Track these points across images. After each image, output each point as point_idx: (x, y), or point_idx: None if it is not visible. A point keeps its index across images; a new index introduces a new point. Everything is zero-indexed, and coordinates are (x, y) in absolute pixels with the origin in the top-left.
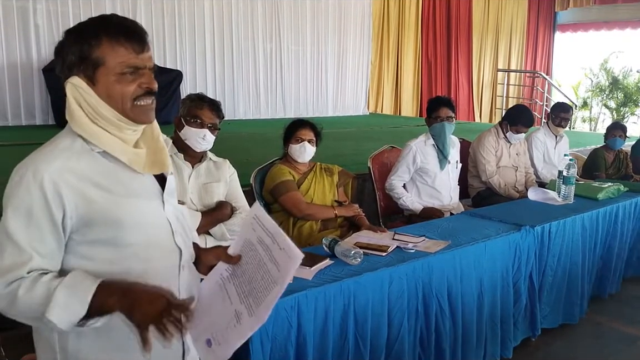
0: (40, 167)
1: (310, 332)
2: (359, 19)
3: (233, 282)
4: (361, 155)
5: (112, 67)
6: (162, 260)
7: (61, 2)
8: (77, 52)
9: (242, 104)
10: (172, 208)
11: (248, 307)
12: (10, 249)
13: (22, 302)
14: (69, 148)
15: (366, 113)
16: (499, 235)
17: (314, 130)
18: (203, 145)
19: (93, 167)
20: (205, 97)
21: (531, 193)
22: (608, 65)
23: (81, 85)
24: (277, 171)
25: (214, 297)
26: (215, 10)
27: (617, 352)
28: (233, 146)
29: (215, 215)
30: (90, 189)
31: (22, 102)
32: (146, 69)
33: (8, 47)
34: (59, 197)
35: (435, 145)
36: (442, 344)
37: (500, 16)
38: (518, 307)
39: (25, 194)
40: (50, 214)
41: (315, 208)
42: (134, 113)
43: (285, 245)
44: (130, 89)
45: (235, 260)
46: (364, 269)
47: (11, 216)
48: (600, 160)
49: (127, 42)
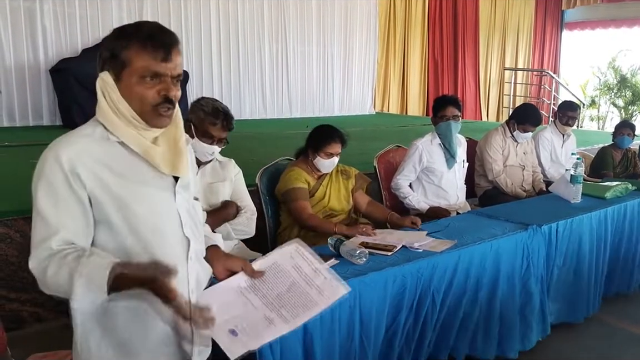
0: (61, 149)
1: (317, 331)
2: (365, 18)
3: (255, 293)
4: (367, 155)
5: (135, 69)
6: (169, 248)
7: (68, 4)
8: (110, 50)
9: (248, 103)
10: (184, 201)
11: (281, 315)
12: (40, 225)
13: (51, 282)
14: (90, 135)
15: (372, 112)
16: (505, 235)
17: (342, 143)
18: (209, 157)
19: (110, 153)
20: (219, 111)
21: (554, 186)
22: (616, 64)
23: (108, 81)
24: (293, 175)
25: (233, 299)
26: (221, 10)
27: (623, 352)
28: (239, 146)
29: (221, 214)
30: (104, 173)
31: (29, 103)
32: (168, 77)
33: (15, 49)
34: (77, 176)
35: (441, 144)
36: (449, 342)
37: (508, 14)
38: (531, 307)
39: (49, 173)
40: (72, 190)
41: (316, 221)
42: (150, 117)
43: (330, 277)
44: (150, 94)
45: (258, 275)
46: (370, 268)
47: (40, 195)
48: (608, 158)
49: (152, 49)
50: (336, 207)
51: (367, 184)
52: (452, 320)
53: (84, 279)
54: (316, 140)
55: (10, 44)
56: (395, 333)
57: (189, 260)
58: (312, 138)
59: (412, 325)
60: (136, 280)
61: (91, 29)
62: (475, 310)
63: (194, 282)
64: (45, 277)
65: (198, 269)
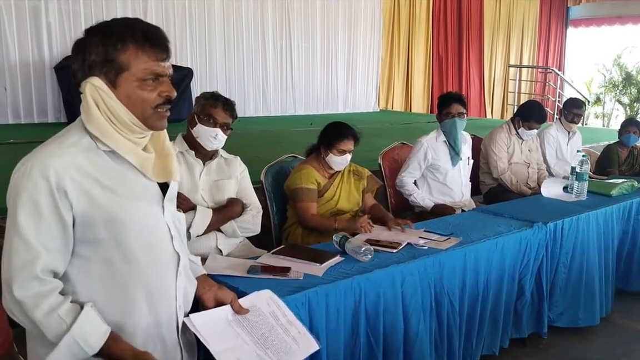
0: (48, 162)
1: (322, 328)
2: (369, 15)
3: (242, 329)
4: (372, 152)
5: (135, 72)
6: (160, 264)
7: (73, 1)
8: (102, 54)
9: (253, 101)
10: (170, 214)
11: (270, 356)
12: (20, 247)
13: (37, 321)
14: (76, 144)
15: (377, 110)
16: (510, 232)
17: (355, 139)
18: (214, 144)
19: (99, 165)
20: (220, 96)
21: (544, 189)
22: (621, 61)
23: (102, 87)
24: (303, 174)
25: (225, 330)
26: (225, 7)
27: (631, 352)
28: (243, 143)
29: (227, 212)
30: (93, 187)
31: (34, 100)
32: (166, 77)
33: (20, 46)
34: (64, 192)
35: (446, 141)
36: (453, 339)
37: (512, 11)
38: (522, 302)
39: (32, 188)
40: (56, 208)
41: (317, 221)
42: (152, 120)
43: (304, 332)
44: (152, 96)
45: (244, 312)
46: (375, 265)
47: (21, 210)
48: (614, 156)
49: (151, 49)
50: (345, 208)
51: (378, 187)
52: (472, 323)
53: (78, 336)
54: (329, 137)
55: (16, 42)
56: (422, 340)
57: (178, 276)
58: (324, 135)
59: (436, 329)
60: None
61: None
62: (486, 309)
63: (181, 299)
64: (31, 314)
65: (186, 284)
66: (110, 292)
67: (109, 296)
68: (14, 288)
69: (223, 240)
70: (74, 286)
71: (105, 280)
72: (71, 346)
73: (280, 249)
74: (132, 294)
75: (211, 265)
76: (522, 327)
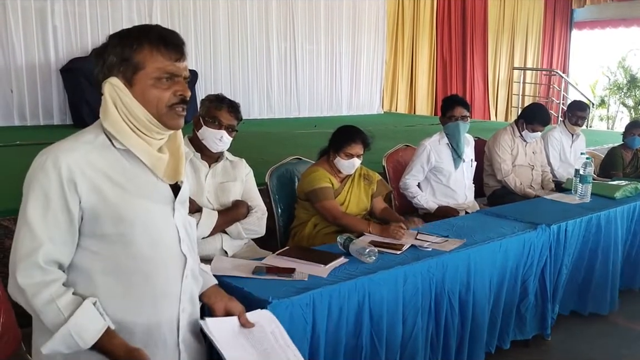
0: (60, 155)
1: (323, 328)
2: (373, 17)
3: (248, 341)
4: (375, 154)
5: (150, 71)
6: (166, 265)
7: (79, 3)
8: (119, 54)
9: (257, 103)
10: (181, 217)
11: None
12: (27, 235)
13: (36, 309)
14: (91, 142)
15: (380, 112)
16: (514, 234)
17: (364, 143)
18: (219, 146)
19: (111, 162)
20: (224, 98)
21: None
22: (626, 63)
23: (119, 86)
24: (318, 175)
25: (233, 340)
26: (230, 10)
27: (633, 353)
28: (248, 145)
29: (232, 214)
30: (104, 183)
31: (40, 102)
32: (181, 77)
33: (26, 48)
34: (74, 186)
35: (449, 144)
36: (450, 340)
37: (516, 13)
38: (525, 304)
39: (44, 179)
40: (65, 200)
41: (350, 220)
42: (167, 118)
43: (299, 356)
44: (166, 95)
45: (249, 326)
46: (379, 267)
47: (31, 202)
48: (618, 159)
49: (165, 50)
50: (354, 212)
51: (387, 192)
52: (472, 323)
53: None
54: (337, 140)
55: (22, 44)
56: (417, 338)
57: (184, 279)
58: (334, 137)
59: (434, 330)
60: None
61: (101, 28)
62: (486, 311)
63: (186, 302)
64: (31, 301)
65: (193, 287)
66: (113, 288)
67: (112, 291)
68: (18, 275)
69: (228, 242)
70: (78, 279)
71: (109, 276)
72: (66, 338)
73: (285, 250)
74: (135, 292)
75: (217, 266)
76: (526, 329)
